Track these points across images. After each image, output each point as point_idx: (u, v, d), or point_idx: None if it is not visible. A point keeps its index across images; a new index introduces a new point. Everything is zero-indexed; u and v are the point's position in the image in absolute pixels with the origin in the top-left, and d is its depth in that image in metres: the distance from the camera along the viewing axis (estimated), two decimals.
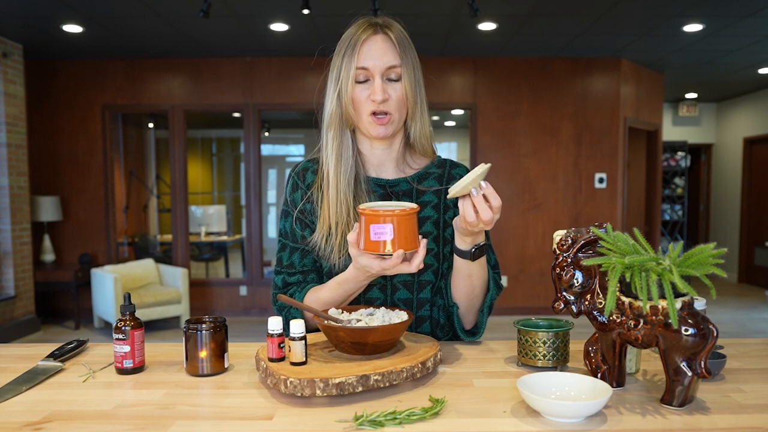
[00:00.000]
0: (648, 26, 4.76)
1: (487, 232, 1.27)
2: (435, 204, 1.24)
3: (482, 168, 1.00)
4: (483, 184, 1.00)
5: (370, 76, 1.16)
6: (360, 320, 1.04)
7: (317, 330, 1.19)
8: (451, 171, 1.29)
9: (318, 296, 1.16)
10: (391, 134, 1.19)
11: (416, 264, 1.03)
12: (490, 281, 1.19)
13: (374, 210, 1.00)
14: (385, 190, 1.23)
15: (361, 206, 1.03)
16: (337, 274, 1.18)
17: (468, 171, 1.30)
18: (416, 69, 1.19)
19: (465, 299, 1.19)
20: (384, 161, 1.26)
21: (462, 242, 1.11)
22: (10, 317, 5.00)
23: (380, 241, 0.99)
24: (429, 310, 1.23)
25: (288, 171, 7.60)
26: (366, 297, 1.20)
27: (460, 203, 1.04)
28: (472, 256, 1.11)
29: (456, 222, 1.10)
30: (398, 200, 1.22)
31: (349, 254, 1.15)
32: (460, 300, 1.19)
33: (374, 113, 1.16)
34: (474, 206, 1.01)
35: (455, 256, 1.14)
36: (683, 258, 0.84)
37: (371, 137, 1.20)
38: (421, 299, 1.21)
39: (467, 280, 1.16)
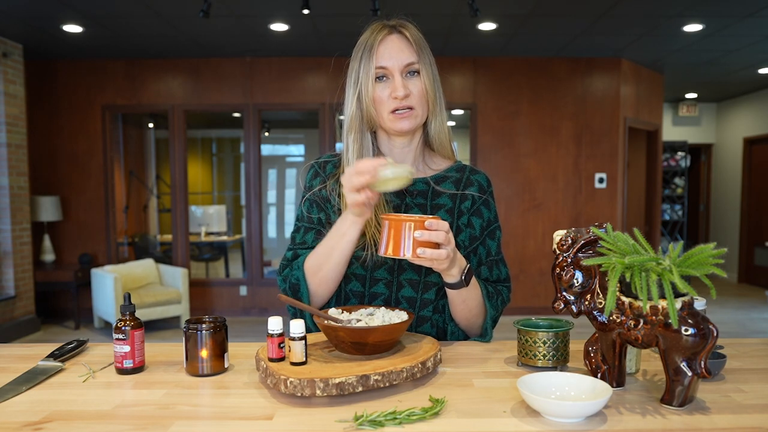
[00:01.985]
0: (648, 26, 4.76)
1: (497, 245, 1.28)
2: (449, 208, 1.24)
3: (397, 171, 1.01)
4: (427, 222, 1.00)
5: (390, 75, 1.17)
6: (360, 320, 1.04)
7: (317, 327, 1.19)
8: (471, 177, 1.29)
9: (314, 251, 1.18)
10: (414, 128, 1.21)
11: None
12: (485, 300, 1.19)
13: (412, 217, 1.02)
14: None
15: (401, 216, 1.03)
16: (351, 270, 1.20)
17: (487, 177, 1.31)
18: (433, 66, 1.21)
19: (464, 319, 1.20)
20: (403, 160, 1.27)
21: (448, 277, 1.11)
22: (10, 317, 5.00)
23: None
24: (431, 311, 1.22)
25: (288, 171, 7.53)
26: (371, 291, 1.21)
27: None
28: (464, 282, 1.11)
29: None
30: (413, 199, 1.24)
31: (363, 242, 1.18)
32: (460, 320, 1.21)
33: (396, 110, 1.18)
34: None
35: (447, 289, 1.15)
36: (683, 258, 0.84)
37: (395, 133, 1.22)
38: (424, 299, 1.21)
39: (463, 305, 1.17)
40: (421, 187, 1.25)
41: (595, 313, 0.92)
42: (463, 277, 1.11)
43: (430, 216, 1.02)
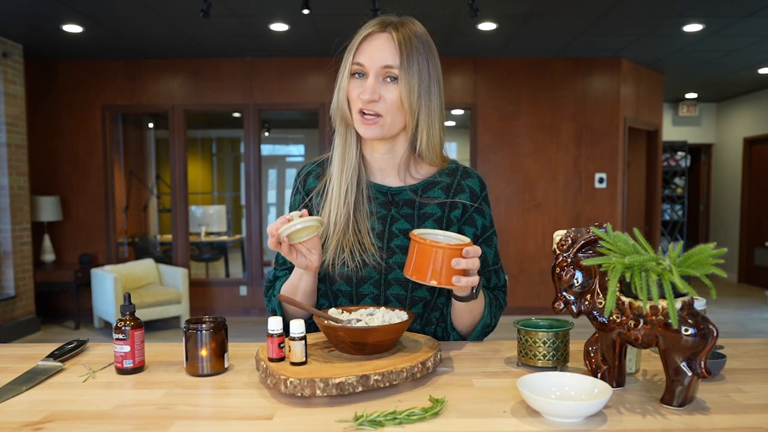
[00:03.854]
0: (648, 26, 4.76)
1: (495, 253, 1.25)
2: (437, 217, 1.19)
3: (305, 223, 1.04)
4: (465, 251, 0.98)
5: (366, 73, 1.12)
6: (360, 320, 1.04)
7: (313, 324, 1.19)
8: (462, 182, 1.21)
9: (286, 282, 1.20)
10: (379, 137, 1.14)
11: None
12: (486, 307, 1.18)
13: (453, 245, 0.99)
14: (387, 197, 1.20)
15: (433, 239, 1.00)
16: (337, 287, 1.19)
17: (481, 181, 1.25)
18: (422, 74, 1.12)
19: (466, 328, 1.20)
20: (386, 167, 1.21)
21: (461, 291, 1.08)
22: (10, 317, 5.00)
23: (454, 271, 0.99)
24: (421, 324, 1.21)
25: (288, 171, 7.55)
26: (360, 303, 1.20)
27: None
28: (474, 296, 1.09)
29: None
30: (398, 210, 1.19)
31: (343, 258, 1.16)
32: (461, 328, 1.20)
33: (362, 112, 1.12)
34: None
35: (455, 301, 1.13)
36: (683, 258, 0.84)
37: (362, 136, 1.17)
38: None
39: (469, 315, 1.16)
40: (407, 196, 1.19)
41: (595, 313, 0.92)
42: (473, 290, 1.08)
43: (466, 242, 0.99)
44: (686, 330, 0.82)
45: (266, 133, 8.92)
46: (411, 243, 1.00)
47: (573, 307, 0.94)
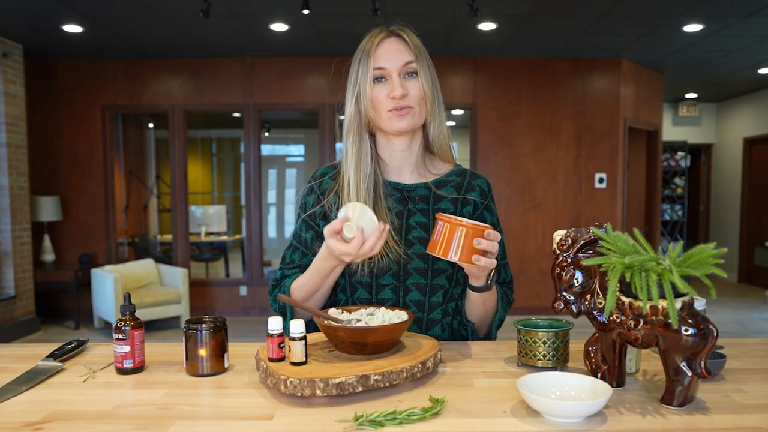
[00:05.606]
0: (648, 26, 4.76)
1: (503, 249, 1.30)
2: (450, 212, 1.25)
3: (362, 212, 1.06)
4: (486, 233, 1.03)
5: (388, 76, 1.18)
6: (360, 320, 1.04)
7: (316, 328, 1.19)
8: (471, 181, 1.30)
9: (300, 279, 1.20)
10: (412, 127, 1.21)
11: (371, 246, 1.04)
12: (498, 302, 1.23)
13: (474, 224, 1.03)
14: (402, 194, 1.25)
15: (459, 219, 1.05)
16: (356, 278, 1.21)
17: (488, 182, 1.33)
18: (431, 70, 1.22)
19: (479, 319, 1.23)
20: (403, 165, 1.28)
21: (477, 281, 1.13)
22: (10, 317, 5.00)
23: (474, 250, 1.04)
24: (440, 314, 1.24)
25: (288, 171, 7.55)
26: (378, 298, 1.21)
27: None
28: (489, 287, 1.14)
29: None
30: (415, 205, 1.25)
31: (368, 260, 1.19)
32: (475, 319, 1.23)
33: (394, 109, 1.18)
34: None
35: (469, 291, 1.17)
36: (683, 258, 0.84)
37: (393, 132, 1.22)
38: (432, 302, 1.22)
39: (482, 307, 1.20)
40: (422, 192, 1.26)
41: (595, 313, 0.92)
42: (488, 282, 1.13)
43: (486, 224, 1.04)
44: (686, 330, 0.82)
45: (266, 133, 8.91)
46: (436, 222, 1.06)
47: (573, 307, 0.94)
